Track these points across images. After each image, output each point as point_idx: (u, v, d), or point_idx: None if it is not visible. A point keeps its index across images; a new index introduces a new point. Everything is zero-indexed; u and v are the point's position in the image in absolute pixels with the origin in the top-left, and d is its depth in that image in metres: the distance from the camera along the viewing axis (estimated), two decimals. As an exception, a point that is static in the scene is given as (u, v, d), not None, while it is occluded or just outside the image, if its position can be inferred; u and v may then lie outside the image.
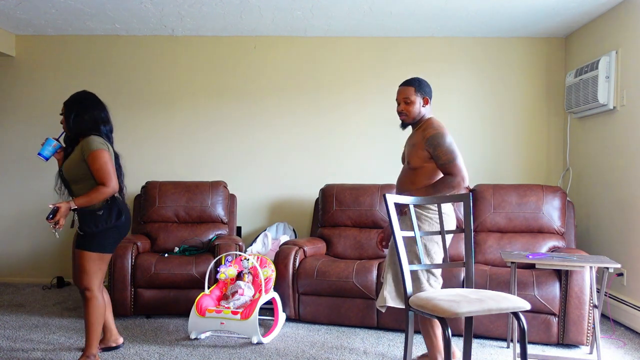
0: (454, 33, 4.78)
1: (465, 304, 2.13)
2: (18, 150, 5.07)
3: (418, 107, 2.78)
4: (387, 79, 4.91)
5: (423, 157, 2.71)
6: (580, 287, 3.26)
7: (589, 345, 3.29)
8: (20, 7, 4.26)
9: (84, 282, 2.83)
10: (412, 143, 2.76)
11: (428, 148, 2.69)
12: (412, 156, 2.75)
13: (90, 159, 2.79)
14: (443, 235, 2.59)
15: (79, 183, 2.85)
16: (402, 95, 2.79)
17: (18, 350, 3.18)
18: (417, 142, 2.74)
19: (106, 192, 2.79)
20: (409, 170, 2.78)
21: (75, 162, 2.84)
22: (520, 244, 3.88)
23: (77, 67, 5.04)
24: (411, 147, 2.76)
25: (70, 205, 2.76)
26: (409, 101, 2.77)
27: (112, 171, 2.81)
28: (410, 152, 2.76)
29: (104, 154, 2.81)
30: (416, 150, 2.73)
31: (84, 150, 2.82)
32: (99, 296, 2.87)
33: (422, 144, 2.71)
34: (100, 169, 2.78)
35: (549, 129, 4.86)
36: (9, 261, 5.09)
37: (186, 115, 5.02)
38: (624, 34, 3.88)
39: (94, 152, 2.79)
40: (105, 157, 2.80)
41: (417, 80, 2.81)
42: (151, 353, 3.18)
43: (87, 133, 2.88)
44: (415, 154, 2.73)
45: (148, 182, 4.56)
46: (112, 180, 2.80)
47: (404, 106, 2.78)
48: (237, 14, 4.37)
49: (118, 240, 2.95)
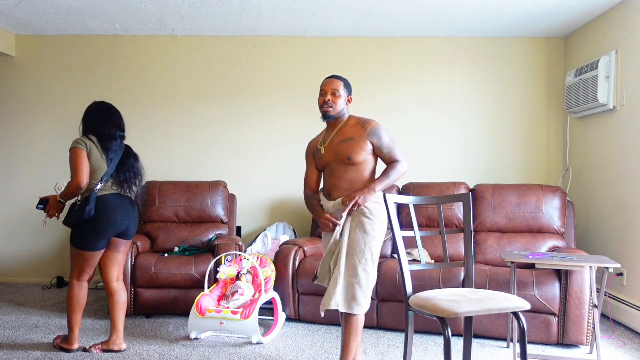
0: (454, 33, 4.78)
1: (465, 304, 2.13)
2: (18, 150, 5.07)
3: (343, 102, 2.74)
4: (387, 79, 4.91)
5: (367, 150, 2.66)
6: (580, 287, 3.26)
7: (589, 345, 3.29)
8: (20, 7, 4.26)
9: (71, 272, 3.13)
10: (348, 138, 2.66)
11: (372, 139, 2.66)
12: (354, 151, 2.64)
13: (70, 156, 3.04)
14: (443, 235, 2.59)
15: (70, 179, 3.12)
16: (331, 86, 2.72)
17: (18, 350, 3.18)
18: (357, 136, 2.66)
19: (71, 185, 2.99)
20: (349, 167, 2.65)
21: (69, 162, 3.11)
22: (520, 244, 3.87)
23: (77, 67, 5.04)
24: (348, 142, 2.65)
25: (57, 197, 3.08)
26: (338, 94, 2.71)
27: (80, 168, 2.98)
28: (349, 148, 2.64)
29: (76, 151, 3.02)
30: (358, 144, 2.65)
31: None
32: (76, 286, 3.10)
33: (365, 136, 2.65)
34: (70, 164, 3.02)
35: (549, 129, 4.86)
36: (9, 261, 5.09)
37: (186, 115, 5.02)
38: (624, 34, 3.88)
39: (70, 150, 3.05)
40: (76, 154, 3.01)
41: (345, 79, 2.80)
42: (151, 353, 3.18)
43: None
44: (359, 148, 2.65)
45: (148, 182, 4.56)
46: (77, 174, 2.97)
47: (332, 97, 2.71)
48: (237, 14, 4.37)
49: (95, 239, 3.01)
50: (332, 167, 2.70)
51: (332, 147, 2.71)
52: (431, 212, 4.18)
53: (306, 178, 2.86)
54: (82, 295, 3.11)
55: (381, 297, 3.64)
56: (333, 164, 2.70)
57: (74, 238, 3.04)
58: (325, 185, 2.76)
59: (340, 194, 2.67)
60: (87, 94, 4.98)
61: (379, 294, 3.64)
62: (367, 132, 2.66)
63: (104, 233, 3.03)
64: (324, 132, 2.83)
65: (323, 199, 2.74)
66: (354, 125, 2.72)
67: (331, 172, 2.71)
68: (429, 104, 4.90)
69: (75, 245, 3.04)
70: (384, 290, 3.61)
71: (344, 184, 2.67)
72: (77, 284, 3.11)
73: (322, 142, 2.78)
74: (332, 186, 2.70)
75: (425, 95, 4.91)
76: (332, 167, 2.70)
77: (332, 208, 2.66)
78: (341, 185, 2.67)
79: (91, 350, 3.14)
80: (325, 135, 2.80)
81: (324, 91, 2.72)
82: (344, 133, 2.71)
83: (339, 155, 2.67)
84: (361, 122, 2.71)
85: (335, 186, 2.69)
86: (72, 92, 5.02)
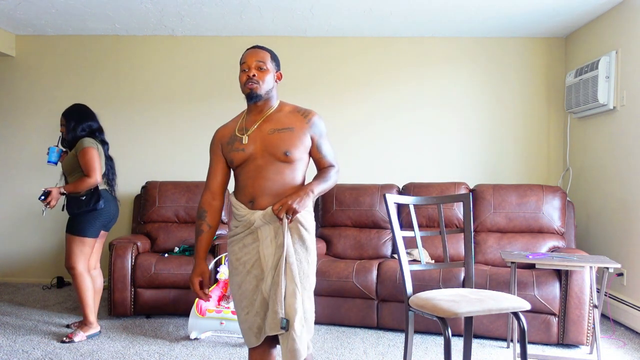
0: (454, 33, 4.78)
1: (465, 304, 2.13)
2: (18, 150, 5.07)
3: (272, 79, 2.12)
4: (387, 78, 4.91)
5: (306, 145, 2.09)
6: (580, 287, 3.26)
7: (589, 345, 3.29)
8: (20, 7, 4.26)
9: (69, 261, 3.36)
10: (285, 127, 2.07)
11: (313, 133, 2.10)
12: (293, 144, 2.05)
13: (80, 155, 3.33)
14: (443, 235, 2.59)
15: (71, 175, 3.41)
16: (255, 58, 2.10)
17: (18, 350, 3.18)
18: (296, 127, 2.08)
19: (89, 182, 3.30)
20: (283, 165, 2.04)
21: (70, 159, 3.41)
22: (520, 244, 3.88)
23: (77, 67, 5.04)
24: (285, 133, 2.05)
25: (60, 190, 3.33)
26: (265, 67, 2.09)
27: (96, 166, 3.33)
28: (287, 140, 2.05)
29: (91, 151, 3.34)
30: (298, 136, 2.06)
31: (77, 149, 3.37)
32: (84, 273, 3.38)
33: (306, 128, 2.09)
34: (86, 163, 3.31)
35: (549, 129, 4.86)
36: (9, 261, 5.09)
37: (186, 115, 5.02)
38: (624, 34, 3.88)
39: (84, 149, 3.33)
40: (92, 153, 3.34)
41: (271, 50, 2.19)
42: (151, 353, 3.18)
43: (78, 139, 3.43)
44: (298, 141, 2.06)
45: (148, 182, 4.56)
46: (95, 173, 3.31)
47: (258, 72, 2.08)
48: (237, 14, 4.37)
49: (99, 227, 3.41)
50: (257, 164, 2.04)
51: (259, 136, 2.06)
52: (431, 212, 4.18)
53: (208, 178, 2.17)
54: (91, 280, 3.44)
55: (381, 297, 3.64)
56: (259, 160, 2.04)
57: (77, 227, 3.34)
58: (244, 188, 2.06)
59: (268, 200, 2.01)
60: (87, 94, 4.99)
61: (379, 294, 3.64)
62: (309, 122, 2.10)
63: (104, 223, 3.43)
64: (241, 118, 2.16)
65: (239, 207, 2.05)
66: (291, 112, 2.13)
67: (256, 170, 2.04)
68: (428, 104, 4.90)
69: (78, 234, 3.34)
70: (384, 290, 3.61)
71: (275, 188, 2.03)
72: (84, 271, 3.39)
73: (243, 129, 2.11)
74: (258, 190, 2.03)
75: (425, 95, 4.91)
76: (257, 163, 2.04)
77: (261, 220, 1.99)
78: (270, 189, 2.03)
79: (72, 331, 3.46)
80: (246, 121, 2.12)
81: (247, 65, 2.09)
82: (277, 120, 2.09)
83: (270, 149, 2.04)
84: (299, 110, 2.13)
85: (262, 190, 2.03)
86: (72, 92, 5.02)
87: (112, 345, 3.32)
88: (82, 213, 3.34)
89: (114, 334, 3.54)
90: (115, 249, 3.86)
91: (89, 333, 3.42)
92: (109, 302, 3.84)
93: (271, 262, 1.97)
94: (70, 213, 3.36)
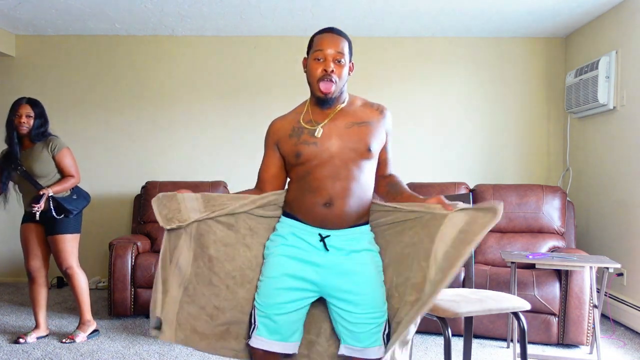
0: (454, 33, 4.78)
1: (465, 304, 2.13)
2: (18, 150, 5.06)
3: (347, 73, 1.83)
4: (386, 78, 4.91)
5: (382, 142, 1.87)
6: (580, 287, 3.26)
7: (589, 345, 3.29)
8: (20, 7, 4.26)
9: (66, 262, 3.33)
10: (363, 121, 1.81)
11: (388, 130, 1.89)
12: (375, 139, 1.81)
13: (62, 155, 3.34)
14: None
15: (45, 177, 3.32)
16: (335, 48, 1.76)
17: (18, 351, 3.18)
18: (374, 120, 1.83)
19: (74, 181, 3.38)
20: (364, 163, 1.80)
21: (43, 161, 3.31)
22: (520, 244, 3.88)
23: (77, 67, 5.04)
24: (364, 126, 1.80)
25: (48, 192, 3.24)
26: (343, 61, 1.78)
27: (76, 166, 3.43)
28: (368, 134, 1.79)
29: (69, 150, 3.40)
30: (378, 130, 1.83)
31: (53, 149, 3.33)
32: (80, 272, 3.39)
33: (382, 123, 1.85)
34: (70, 163, 3.37)
35: (549, 129, 4.86)
36: (9, 261, 5.09)
37: (186, 115, 5.02)
38: (624, 34, 3.88)
39: (64, 150, 3.36)
40: (70, 153, 3.40)
41: (348, 37, 1.87)
42: (151, 353, 3.18)
43: (47, 136, 3.38)
44: (379, 136, 1.83)
45: (148, 182, 4.56)
46: (78, 172, 3.42)
47: (337, 67, 1.76)
48: (237, 14, 4.37)
49: (81, 223, 3.47)
50: (334, 162, 1.76)
51: (335, 131, 1.78)
52: (431, 212, 4.17)
53: (261, 171, 1.96)
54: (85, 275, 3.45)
55: (381, 297, 3.64)
56: (337, 158, 1.76)
57: (69, 227, 3.33)
58: (319, 190, 1.77)
59: (347, 203, 1.76)
60: (87, 93, 4.99)
61: (379, 294, 3.64)
62: (385, 117, 1.86)
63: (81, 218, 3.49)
64: (305, 110, 1.87)
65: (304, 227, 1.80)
66: (364, 105, 1.88)
67: (334, 169, 1.76)
68: (428, 104, 4.90)
69: (71, 232, 3.34)
70: (384, 290, 3.61)
71: (356, 189, 1.77)
72: (80, 269, 3.40)
73: (312, 122, 1.81)
74: (339, 191, 1.76)
75: (425, 95, 4.91)
76: (334, 161, 1.76)
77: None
78: (352, 191, 1.76)
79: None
80: (313, 114, 1.84)
81: (323, 54, 1.76)
82: (353, 114, 1.83)
83: (351, 144, 1.77)
84: (372, 104, 1.89)
85: (344, 191, 1.76)
86: (72, 92, 5.02)
87: (112, 345, 3.32)
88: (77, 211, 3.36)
89: (114, 334, 3.54)
90: (115, 249, 3.86)
91: (89, 332, 3.42)
92: (109, 302, 3.84)
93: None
94: (69, 215, 3.31)
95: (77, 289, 3.38)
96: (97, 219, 4.87)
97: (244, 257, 1.88)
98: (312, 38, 1.84)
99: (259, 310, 1.81)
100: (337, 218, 1.77)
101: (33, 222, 3.35)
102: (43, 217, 3.27)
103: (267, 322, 1.80)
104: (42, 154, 3.31)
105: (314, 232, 1.79)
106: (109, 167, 4.97)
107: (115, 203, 4.98)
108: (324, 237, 1.78)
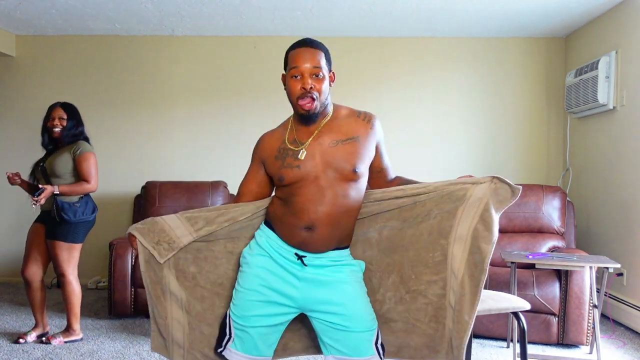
0: (453, 33, 4.78)
1: (465, 304, 2.12)
2: (18, 150, 5.06)
3: (327, 86, 1.73)
4: (386, 78, 4.91)
5: (371, 157, 1.79)
6: (580, 287, 3.26)
7: (588, 345, 3.30)
8: (20, 7, 4.26)
9: (60, 268, 3.27)
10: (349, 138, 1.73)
11: (378, 141, 1.81)
12: (361, 158, 1.73)
13: (82, 159, 3.25)
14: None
15: (61, 177, 3.26)
16: (310, 62, 1.69)
17: (18, 350, 3.18)
18: (361, 134, 1.74)
19: (88, 188, 3.26)
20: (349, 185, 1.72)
21: (63, 160, 3.26)
22: (520, 244, 3.87)
23: (77, 67, 5.04)
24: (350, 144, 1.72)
25: (54, 189, 3.16)
26: (321, 75, 1.69)
27: (96, 174, 3.29)
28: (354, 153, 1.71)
29: (94, 156, 3.31)
30: (364, 146, 1.74)
31: (76, 151, 3.27)
32: (73, 281, 3.30)
33: (371, 135, 1.76)
34: (89, 168, 3.26)
35: (549, 129, 4.86)
36: (9, 261, 5.09)
37: (186, 115, 5.02)
38: (624, 34, 3.88)
39: (87, 153, 3.28)
40: (94, 159, 3.30)
41: (324, 47, 1.78)
42: (151, 353, 3.18)
43: (78, 139, 3.35)
44: (366, 153, 1.75)
45: (148, 182, 4.56)
46: (95, 179, 3.28)
47: (315, 82, 1.68)
48: (237, 14, 4.37)
49: (87, 233, 3.37)
50: (319, 185, 1.69)
51: (319, 150, 1.71)
52: (431, 212, 4.17)
53: (242, 184, 1.92)
54: (80, 287, 3.38)
55: (381, 297, 3.64)
56: (322, 179, 1.69)
57: (67, 235, 3.23)
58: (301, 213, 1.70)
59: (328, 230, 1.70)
60: (87, 93, 4.99)
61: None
62: (374, 128, 1.77)
63: (89, 228, 3.38)
64: (289, 127, 1.81)
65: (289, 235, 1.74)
66: (349, 116, 1.78)
67: (318, 192, 1.69)
68: (428, 104, 4.90)
69: (67, 241, 3.24)
70: (384, 290, 3.61)
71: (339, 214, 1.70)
72: (75, 278, 3.33)
73: (296, 142, 1.74)
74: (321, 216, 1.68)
75: (425, 95, 4.91)
76: (318, 183, 1.69)
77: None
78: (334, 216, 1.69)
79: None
80: (297, 131, 1.77)
81: (298, 71, 1.69)
82: (338, 129, 1.74)
83: (334, 165, 1.69)
84: (358, 113, 1.80)
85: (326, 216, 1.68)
86: (72, 92, 5.01)
87: (112, 345, 3.32)
88: (77, 221, 3.24)
89: (114, 334, 3.54)
90: (115, 249, 3.86)
91: (69, 339, 3.35)
92: (109, 302, 3.84)
93: None
94: (67, 221, 3.21)
95: (68, 296, 3.31)
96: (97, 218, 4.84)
97: (226, 263, 1.87)
98: (287, 54, 1.77)
99: (235, 322, 1.77)
100: (316, 243, 1.72)
101: (41, 223, 3.34)
102: (46, 218, 3.27)
103: (243, 335, 1.75)
104: (64, 154, 3.29)
105: (291, 250, 1.75)
106: (109, 167, 4.97)
107: (116, 203, 4.99)
108: (300, 257, 1.75)
